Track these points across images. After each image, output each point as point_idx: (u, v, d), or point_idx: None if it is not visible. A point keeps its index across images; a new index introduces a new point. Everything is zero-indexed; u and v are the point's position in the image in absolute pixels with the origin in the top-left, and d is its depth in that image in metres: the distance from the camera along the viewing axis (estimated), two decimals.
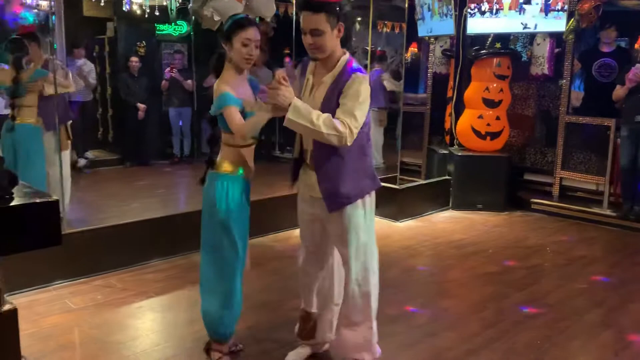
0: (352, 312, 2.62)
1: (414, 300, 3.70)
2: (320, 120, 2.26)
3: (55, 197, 1.68)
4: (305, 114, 2.25)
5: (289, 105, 2.23)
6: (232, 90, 2.52)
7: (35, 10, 5.81)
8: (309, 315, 2.84)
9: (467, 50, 6.38)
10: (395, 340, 3.08)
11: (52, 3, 4.67)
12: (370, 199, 2.59)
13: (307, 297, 2.83)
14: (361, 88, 2.33)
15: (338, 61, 2.43)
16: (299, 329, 2.90)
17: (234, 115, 2.48)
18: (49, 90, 4.29)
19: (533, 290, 3.96)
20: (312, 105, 2.37)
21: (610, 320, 3.50)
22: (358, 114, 2.32)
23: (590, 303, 3.75)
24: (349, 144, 2.31)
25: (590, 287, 4.05)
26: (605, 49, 5.91)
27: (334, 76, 2.42)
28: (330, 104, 2.38)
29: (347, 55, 2.47)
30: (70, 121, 4.85)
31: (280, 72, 2.29)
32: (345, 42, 2.48)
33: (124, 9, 7.39)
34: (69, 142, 4.74)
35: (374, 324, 2.67)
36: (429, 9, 6.45)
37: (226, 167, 2.63)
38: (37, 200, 1.65)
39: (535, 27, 5.81)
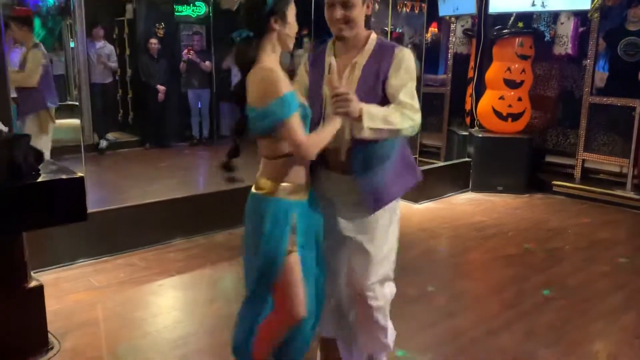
0: (365, 327, 2.29)
1: (434, 282, 3.69)
2: (393, 116, 2.00)
3: (80, 174, 1.70)
4: (379, 115, 1.98)
5: (360, 112, 1.93)
6: (288, 85, 1.91)
7: None
8: (329, 343, 2.42)
9: (488, 29, 6.27)
10: (415, 321, 3.08)
11: None
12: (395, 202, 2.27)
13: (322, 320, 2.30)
14: (411, 64, 2.12)
15: (367, 39, 2.17)
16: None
17: (297, 128, 1.87)
18: None
19: (554, 272, 3.93)
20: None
21: (631, 303, 3.47)
22: (414, 97, 2.09)
23: (611, 286, 3.71)
24: (412, 132, 2.08)
25: (612, 269, 4.00)
26: (631, 27, 5.75)
27: (368, 55, 2.15)
28: (367, 85, 2.11)
29: (374, 34, 2.21)
30: (54, 107, 4.81)
31: (332, 71, 2.01)
32: (365, 22, 2.19)
33: None
34: (51, 126, 4.74)
35: (389, 333, 2.37)
36: None
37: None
38: (63, 177, 1.68)
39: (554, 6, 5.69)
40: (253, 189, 2.04)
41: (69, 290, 3.45)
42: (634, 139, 5.60)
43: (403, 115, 2.03)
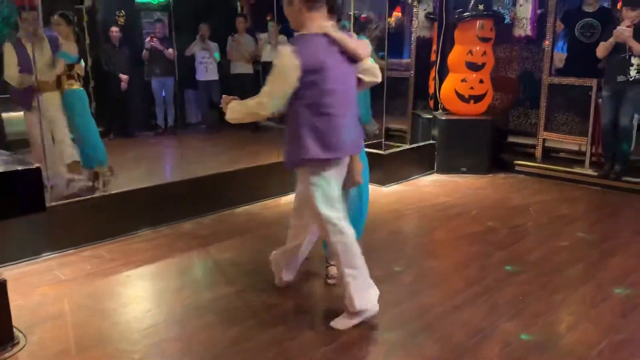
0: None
1: (400, 261, 3.77)
2: (246, 104, 2.72)
3: (36, 165, 1.68)
4: (236, 108, 2.76)
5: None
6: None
7: None
8: None
9: (450, 13, 6.35)
10: (382, 299, 3.12)
11: None
12: (312, 170, 2.76)
13: None
14: (275, 62, 2.63)
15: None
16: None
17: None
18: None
19: (515, 248, 4.05)
20: None
21: (590, 274, 3.61)
22: (267, 87, 2.63)
23: (571, 259, 3.85)
24: (262, 114, 2.67)
25: (572, 244, 4.14)
26: (588, 8, 5.90)
27: None
28: None
29: (309, 30, 2.64)
30: None
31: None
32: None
33: None
34: None
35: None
36: None
37: None
38: (19, 168, 1.66)
39: None
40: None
41: (35, 285, 3.40)
42: (591, 117, 5.78)
43: (253, 100, 2.66)
